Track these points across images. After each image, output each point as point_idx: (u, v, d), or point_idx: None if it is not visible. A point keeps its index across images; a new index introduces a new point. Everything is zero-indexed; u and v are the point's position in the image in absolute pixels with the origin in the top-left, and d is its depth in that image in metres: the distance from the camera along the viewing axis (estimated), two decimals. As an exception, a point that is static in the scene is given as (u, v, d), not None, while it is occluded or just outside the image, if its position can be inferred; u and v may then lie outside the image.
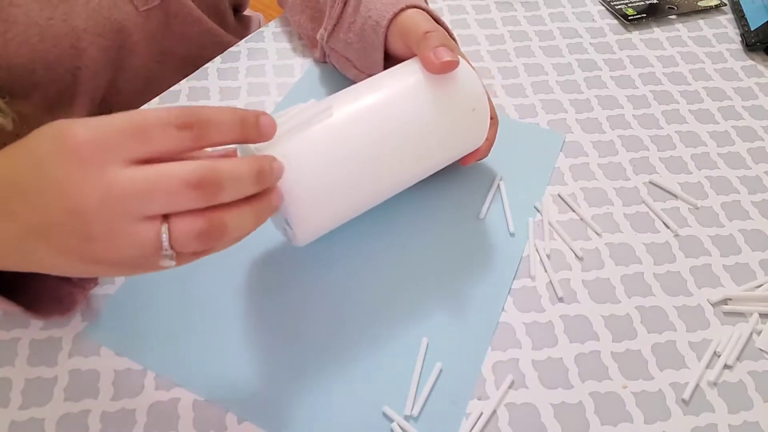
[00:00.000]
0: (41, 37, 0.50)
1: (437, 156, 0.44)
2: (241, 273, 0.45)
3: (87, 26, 0.53)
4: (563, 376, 0.41)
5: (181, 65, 0.62)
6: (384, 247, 0.47)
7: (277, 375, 0.40)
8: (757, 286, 0.46)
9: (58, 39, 0.51)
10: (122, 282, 0.44)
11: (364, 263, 0.46)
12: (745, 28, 0.67)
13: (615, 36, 0.67)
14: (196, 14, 0.62)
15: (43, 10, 0.50)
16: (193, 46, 0.63)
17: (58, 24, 0.51)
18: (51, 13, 0.51)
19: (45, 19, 0.50)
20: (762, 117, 0.59)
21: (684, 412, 0.39)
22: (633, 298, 0.45)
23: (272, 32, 0.65)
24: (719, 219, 0.50)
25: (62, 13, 0.51)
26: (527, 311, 0.44)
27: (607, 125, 0.57)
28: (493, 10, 0.70)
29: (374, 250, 0.47)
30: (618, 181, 0.53)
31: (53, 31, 0.51)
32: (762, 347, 0.42)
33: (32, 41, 0.50)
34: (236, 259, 0.46)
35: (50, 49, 0.51)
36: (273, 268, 0.45)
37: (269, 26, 0.66)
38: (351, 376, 0.40)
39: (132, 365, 0.40)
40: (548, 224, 0.49)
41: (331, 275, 0.45)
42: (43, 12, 0.50)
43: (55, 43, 0.51)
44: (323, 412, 0.39)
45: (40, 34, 0.50)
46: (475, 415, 0.39)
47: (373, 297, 0.44)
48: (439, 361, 0.41)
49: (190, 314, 0.43)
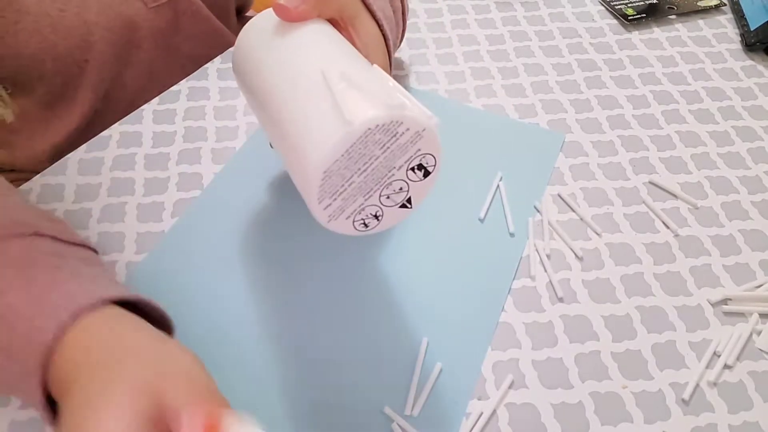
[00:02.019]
0: (53, 28, 0.50)
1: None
2: (241, 273, 0.45)
3: (98, 20, 0.53)
4: (563, 376, 0.41)
5: (186, 63, 0.62)
6: (384, 247, 0.47)
7: (277, 375, 0.40)
8: (757, 286, 0.46)
9: (70, 31, 0.52)
10: (122, 282, 0.44)
11: (364, 263, 0.46)
12: (744, 28, 0.67)
13: (615, 36, 0.67)
14: (205, 13, 0.62)
15: (55, 2, 0.50)
16: (199, 45, 0.63)
17: (70, 16, 0.51)
18: (64, 5, 0.51)
19: (57, 11, 0.50)
20: (762, 117, 0.59)
21: (684, 412, 0.39)
22: (633, 298, 0.45)
23: (272, 32, 0.65)
24: (719, 219, 0.50)
25: (75, 5, 0.52)
26: (527, 311, 0.44)
27: (607, 125, 0.57)
28: (493, 10, 0.70)
29: (374, 250, 0.47)
30: (618, 181, 0.53)
31: (65, 23, 0.51)
32: (762, 347, 0.42)
33: (44, 32, 0.50)
34: (235, 260, 0.46)
35: (60, 41, 0.51)
36: (273, 269, 0.45)
37: (269, 26, 0.65)
38: (351, 376, 0.40)
39: (132, 365, 0.40)
40: (548, 224, 0.49)
41: (331, 275, 0.45)
42: (55, 3, 0.50)
43: (65, 35, 0.52)
44: (323, 412, 0.39)
45: (52, 25, 0.50)
46: (475, 415, 0.39)
47: (373, 297, 0.44)
48: (439, 361, 0.41)
49: (191, 314, 0.43)
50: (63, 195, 0.49)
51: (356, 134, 0.30)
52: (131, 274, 0.45)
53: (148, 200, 0.49)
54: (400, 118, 0.31)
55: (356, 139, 0.30)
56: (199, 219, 0.48)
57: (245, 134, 0.55)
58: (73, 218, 0.48)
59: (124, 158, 0.52)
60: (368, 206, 0.34)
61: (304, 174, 0.32)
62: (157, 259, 0.46)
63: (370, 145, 0.31)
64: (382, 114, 0.30)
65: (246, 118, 0.56)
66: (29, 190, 0.50)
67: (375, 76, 0.34)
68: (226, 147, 0.54)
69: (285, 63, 0.37)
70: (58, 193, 0.49)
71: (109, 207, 0.49)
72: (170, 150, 0.53)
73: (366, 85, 0.32)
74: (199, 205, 0.49)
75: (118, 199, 0.49)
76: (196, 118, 0.56)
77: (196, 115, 0.56)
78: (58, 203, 0.49)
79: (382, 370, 0.40)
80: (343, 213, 0.33)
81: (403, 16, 0.54)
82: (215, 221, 0.48)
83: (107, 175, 0.51)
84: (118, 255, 0.46)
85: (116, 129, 0.55)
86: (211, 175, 0.51)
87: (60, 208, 0.48)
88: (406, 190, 0.35)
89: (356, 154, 0.31)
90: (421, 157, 0.34)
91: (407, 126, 0.31)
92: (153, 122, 0.55)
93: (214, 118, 0.56)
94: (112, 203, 0.49)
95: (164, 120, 0.56)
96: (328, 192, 0.32)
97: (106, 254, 0.46)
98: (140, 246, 0.46)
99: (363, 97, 0.31)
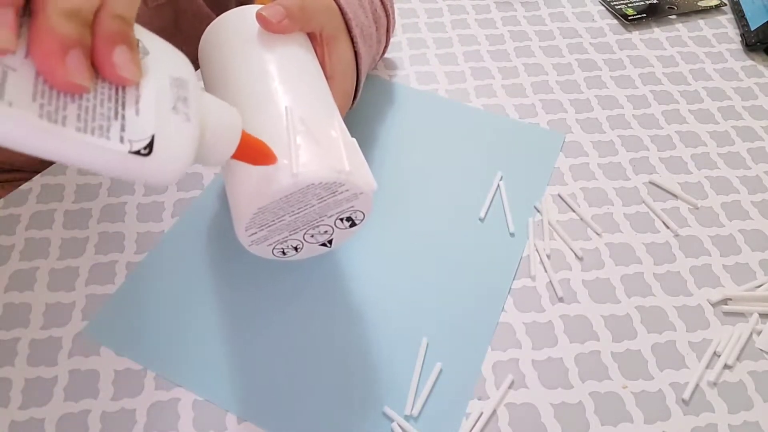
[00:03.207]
0: None
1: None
2: (241, 273, 0.45)
3: None
4: (563, 376, 0.41)
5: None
6: (384, 247, 0.47)
7: (277, 375, 0.40)
8: (757, 286, 0.46)
9: None
10: (122, 282, 0.44)
11: (364, 263, 0.46)
12: (745, 28, 0.67)
13: (615, 36, 0.67)
14: (205, 12, 0.62)
15: None
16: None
17: None
18: None
19: None
20: (762, 117, 0.59)
21: (684, 412, 0.39)
22: (633, 298, 0.45)
23: (272, 32, 0.65)
24: (719, 219, 0.50)
25: None
26: (527, 311, 0.44)
27: (607, 125, 0.57)
28: (493, 10, 0.70)
29: (374, 250, 0.47)
30: (618, 181, 0.53)
31: None
32: (762, 347, 0.42)
33: None
34: (236, 260, 0.46)
35: None
36: (273, 268, 0.45)
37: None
38: (351, 376, 0.40)
39: (132, 365, 0.40)
40: (548, 224, 0.49)
41: (330, 275, 0.45)
42: None
43: None
44: (323, 412, 0.39)
45: None
46: (475, 415, 0.39)
47: (373, 297, 0.44)
48: (439, 361, 0.41)
49: (191, 314, 0.43)
50: (63, 195, 0.49)
51: (298, 186, 0.32)
52: (131, 274, 0.45)
53: (148, 200, 0.49)
54: (343, 182, 0.33)
55: (297, 189, 0.32)
56: (199, 219, 0.48)
57: (245, 134, 0.55)
58: (73, 218, 0.48)
59: (124, 158, 0.52)
60: (291, 240, 0.36)
61: (239, 201, 0.33)
62: (157, 259, 0.46)
63: (309, 195, 0.33)
64: (327, 174, 0.32)
65: (246, 118, 0.56)
66: (29, 190, 0.50)
67: (334, 128, 0.35)
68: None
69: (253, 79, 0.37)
70: (58, 193, 0.49)
71: (109, 207, 0.49)
72: (170, 150, 0.53)
73: (322, 138, 0.33)
74: (199, 205, 0.49)
75: (118, 199, 0.49)
76: (196, 118, 0.56)
77: (196, 115, 0.56)
78: (58, 203, 0.49)
79: (382, 370, 0.40)
80: (266, 241, 0.36)
81: (387, 33, 0.55)
82: (215, 221, 0.48)
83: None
84: (118, 255, 0.46)
85: (116, 129, 0.55)
86: (212, 175, 0.51)
87: (60, 208, 0.48)
88: (330, 233, 0.37)
89: (294, 200, 0.33)
90: (352, 212, 0.36)
91: (347, 188, 0.33)
92: (153, 122, 0.55)
93: (214, 118, 0.56)
94: (111, 203, 0.49)
95: (164, 120, 0.56)
96: (256, 223, 0.33)
97: (106, 254, 0.46)
98: (140, 246, 0.46)
99: (315, 151, 0.33)
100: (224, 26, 0.41)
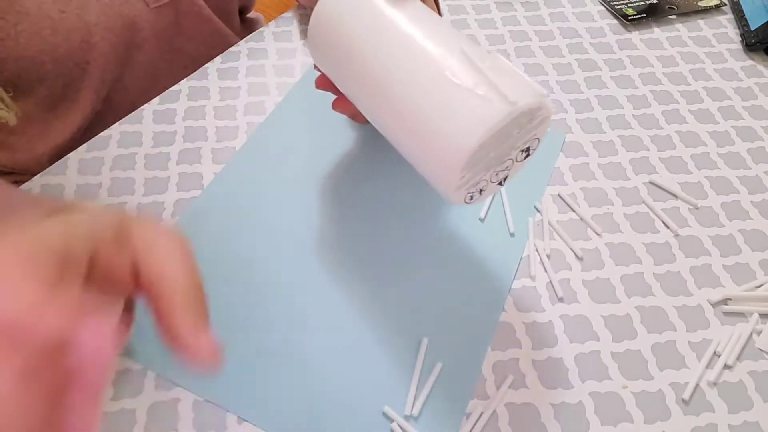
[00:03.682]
0: (53, 30, 0.50)
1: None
2: (241, 272, 0.45)
3: (99, 21, 0.53)
4: (563, 376, 0.41)
5: (188, 64, 0.62)
6: (384, 247, 0.47)
7: (277, 375, 0.40)
8: (757, 286, 0.46)
9: (70, 33, 0.51)
10: (122, 282, 0.44)
11: (364, 263, 0.46)
12: (745, 28, 0.67)
13: (615, 36, 0.67)
14: (206, 13, 0.62)
15: (56, 3, 0.50)
16: (201, 46, 0.63)
17: (70, 18, 0.51)
18: (64, 7, 0.50)
19: (57, 12, 0.50)
20: (762, 117, 0.59)
21: (684, 412, 0.39)
22: (633, 298, 0.45)
23: (272, 32, 0.65)
24: (719, 219, 0.50)
25: (75, 7, 0.51)
26: (527, 311, 0.44)
27: (607, 125, 0.57)
28: (493, 10, 0.70)
29: (374, 250, 0.47)
30: (618, 181, 0.53)
31: (65, 25, 0.51)
32: (762, 347, 0.42)
33: (43, 34, 0.50)
34: (235, 259, 0.46)
35: (61, 42, 0.51)
36: (273, 268, 0.45)
37: (269, 26, 0.65)
38: (351, 376, 0.40)
39: (132, 365, 0.40)
40: (548, 224, 0.49)
41: (330, 275, 0.45)
42: (55, 5, 0.50)
43: (66, 37, 0.51)
44: (323, 412, 0.39)
45: (52, 27, 0.50)
46: (475, 415, 0.39)
47: (372, 297, 0.44)
48: (439, 361, 0.41)
49: (190, 314, 0.43)
50: (63, 195, 0.49)
51: (514, 114, 0.31)
52: (131, 274, 0.45)
53: (148, 200, 0.49)
54: (543, 105, 0.33)
55: (512, 118, 0.32)
56: (199, 219, 0.48)
57: (245, 134, 0.55)
58: (73, 218, 0.48)
59: (124, 158, 0.52)
60: (483, 180, 0.36)
61: (449, 145, 0.33)
62: (157, 259, 0.46)
63: (512, 125, 0.33)
64: (535, 99, 0.32)
65: (246, 118, 0.56)
66: (29, 190, 0.50)
67: (495, 56, 0.35)
68: (227, 147, 0.54)
69: (405, 41, 0.36)
70: (58, 193, 0.49)
71: (109, 207, 0.49)
72: (170, 150, 0.53)
73: (502, 68, 0.34)
74: (199, 205, 0.49)
75: (118, 199, 0.49)
76: (197, 117, 0.56)
77: (196, 114, 0.56)
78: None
79: (382, 370, 0.40)
80: (467, 184, 0.35)
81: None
82: (215, 221, 0.48)
83: (107, 175, 0.51)
84: (118, 255, 0.46)
85: (116, 129, 0.55)
86: (211, 175, 0.51)
87: (60, 208, 0.48)
88: (509, 168, 0.37)
89: (503, 133, 0.33)
90: (532, 141, 0.36)
91: (542, 112, 0.34)
92: (153, 122, 0.55)
93: (214, 118, 0.56)
94: (112, 203, 0.49)
95: (164, 120, 0.56)
96: (469, 165, 0.33)
97: (106, 254, 0.46)
98: (140, 246, 0.46)
99: (510, 81, 0.33)
100: (339, 2, 0.39)
